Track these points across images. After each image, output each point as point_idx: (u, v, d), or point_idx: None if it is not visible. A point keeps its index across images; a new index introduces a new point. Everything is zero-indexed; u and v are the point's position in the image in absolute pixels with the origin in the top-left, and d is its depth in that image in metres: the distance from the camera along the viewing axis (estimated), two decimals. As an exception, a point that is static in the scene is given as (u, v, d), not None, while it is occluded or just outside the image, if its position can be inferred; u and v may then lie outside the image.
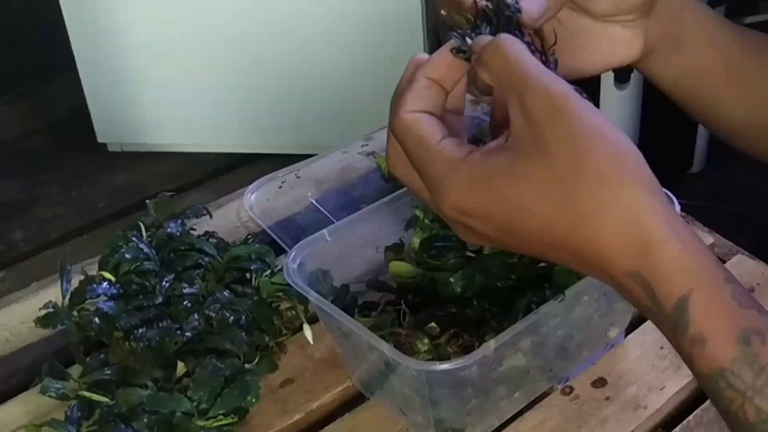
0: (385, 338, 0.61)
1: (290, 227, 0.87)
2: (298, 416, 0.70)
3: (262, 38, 2.17)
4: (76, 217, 2.26)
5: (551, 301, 0.61)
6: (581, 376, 0.71)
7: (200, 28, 2.18)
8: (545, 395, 0.70)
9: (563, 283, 0.65)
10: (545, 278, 0.67)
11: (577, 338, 0.68)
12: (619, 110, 1.93)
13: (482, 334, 0.64)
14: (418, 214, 0.73)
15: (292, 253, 0.67)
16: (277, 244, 0.83)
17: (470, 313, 0.66)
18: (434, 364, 0.58)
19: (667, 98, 0.75)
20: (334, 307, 0.63)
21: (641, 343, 0.74)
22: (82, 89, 2.29)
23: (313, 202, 0.90)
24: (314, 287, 0.66)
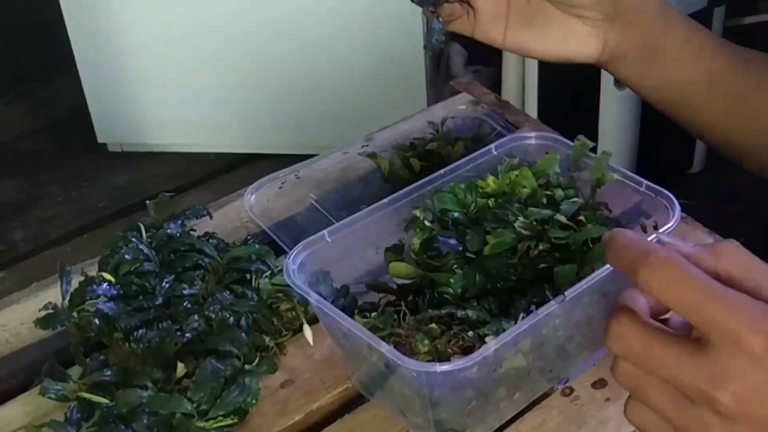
0: (385, 339, 0.61)
1: (290, 228, 0.87)
2: (298, 417, 0.70)
3: (262, 38, 2.17)
4: (76, 217, 2.26)
5: (551, 302, 0.61)
6: (581, 377, 0.71)
7: (200, 28, 2.18)
8: (545, 396, 0.70)
9: (563, 284, 0.65)
10: (545, 279, 0.67)
11: (577, 339, 0.68)
12: (619, 111, 1.92)
13: (482, 335, 0.64)
14: (418, 214, 0.72)
15: (292, 253, 0.67)
16: (277, 244, 0.83)
17: (470, 314, 0.65)
18: (434, 365, 0.57)
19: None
20: (334, 308, 0.63)
21: (641, 343, 0.74)
22: (82, 89, 2.29)
23: (313, 202, 0.89)
24: (314, 288, 0.66)
